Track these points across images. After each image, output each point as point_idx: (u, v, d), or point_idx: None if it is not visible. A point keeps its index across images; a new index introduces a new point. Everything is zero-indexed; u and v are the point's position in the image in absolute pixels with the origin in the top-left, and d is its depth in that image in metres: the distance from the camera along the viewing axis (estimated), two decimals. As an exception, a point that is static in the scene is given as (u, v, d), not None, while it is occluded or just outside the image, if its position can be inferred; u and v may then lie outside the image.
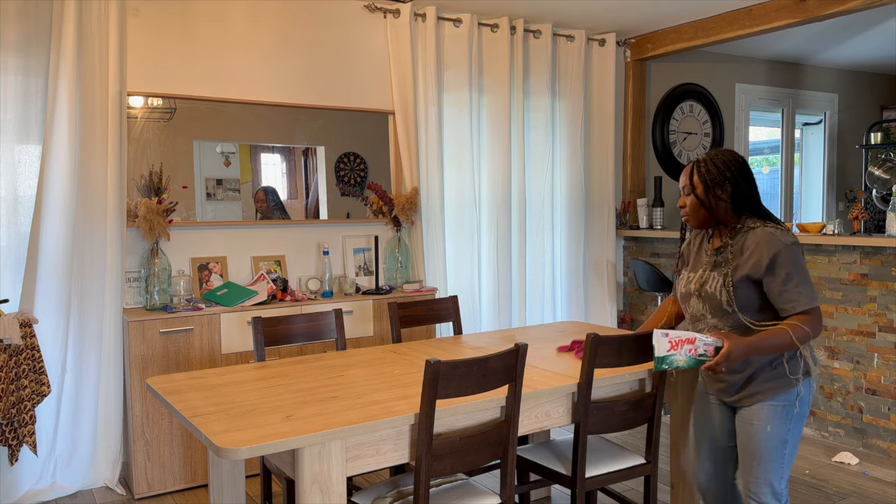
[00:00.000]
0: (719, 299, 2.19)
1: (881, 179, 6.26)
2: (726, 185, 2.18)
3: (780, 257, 2.10)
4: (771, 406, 2.18)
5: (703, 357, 2.08)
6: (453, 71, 4.61)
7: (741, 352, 2.07)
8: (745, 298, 2.16)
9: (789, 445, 2.20)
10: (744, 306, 2.17)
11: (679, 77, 5.85)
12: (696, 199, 2.22)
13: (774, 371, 2.18)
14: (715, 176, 2.19)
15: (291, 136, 4.23)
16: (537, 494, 3.45)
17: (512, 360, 2.20)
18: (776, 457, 2.19)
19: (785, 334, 2.09)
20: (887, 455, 3.92)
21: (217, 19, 3.97)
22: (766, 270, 2.11)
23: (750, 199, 2.20)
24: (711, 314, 2.23)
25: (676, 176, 5.85)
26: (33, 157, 3.49)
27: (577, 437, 2.47)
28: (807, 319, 2.10)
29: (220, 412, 2.12)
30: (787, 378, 2.17)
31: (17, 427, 3.21)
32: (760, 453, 2.20)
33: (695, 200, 2.22)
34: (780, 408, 2.18)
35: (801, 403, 2.20)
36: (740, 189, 2.18)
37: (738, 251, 2.18)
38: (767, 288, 2.13)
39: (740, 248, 2.18)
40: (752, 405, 2.21)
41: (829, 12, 4.27)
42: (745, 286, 2.16)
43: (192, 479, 3.58)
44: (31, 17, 3.43)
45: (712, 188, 2.19)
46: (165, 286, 3.70)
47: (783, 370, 2.18)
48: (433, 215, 4.54)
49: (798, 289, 2.10)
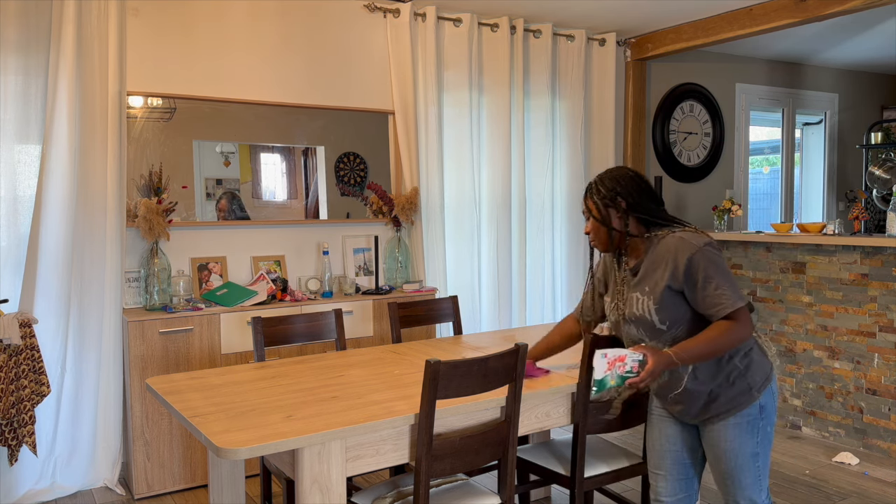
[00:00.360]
0: (650, 320, 2.08)
1: (881, 179, 6.25)
2: (619, 200, 2.10)
3: (695, 261, 2.00)
4: (735, 424, 2.09)
5: (629, 374, 1.97)
6: (453, 71, 4.61)
7: (663, 365, 1.98)
8: (674, 313, 2.05)
9: (761, 457, 2.13)
10: (675, 321, 2.06)
11: (679, 77, 5.84)
12: (596, 222, 2.15)
13: (734, 387, 2.08)
14: (605, 195, 2.12)
15: (291, 136, 4.23)
16: (537, 494, 3.44)
17: (512, 360, 2.20)
18: (750, 472, 2.12)
19: (709, 341, 1.99)
20: (888, 455, 3.92)
21: (217, 19, 3.97)
22: (684, 278, 2.01)
23: (648, 209, 2.11)
24: (648, 336, 2.11)
25: (677, 176, 5.85)
26: (33, 156, 3.49)
27: (577, 438, 2.47)
28: (732, 323, 1.99)
29: (219, 412, 2.11)
30: (749, 393, 2.08)
31: (17, 427, 3.20)
32: (734, 473, 2.12)
33: (595, 223, 2.15)
34: (744, 424, 2.09)
35: (766, 413, 2.11)
36: (635, 202, 2.10)
37: (653, 265, 2.08)
38: (690, 296, 2.03)
39: (653, 260, 2.08)
40: (716, 424, 2.11)
41: (829, 12, 4.26)
42: (671, 300, 2.05)
43: (191, 479, 3.58)
44: (31, 17, 3.43)
45: (607, 207, 2.12)
46: (165, 286, 3.70)
47: (743, 384, 2.08)
48: (433, 215, 4.54)
49: (719, 291, 1.99)
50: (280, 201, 4.22)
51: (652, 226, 2.13)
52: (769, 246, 4.46)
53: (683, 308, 2.05)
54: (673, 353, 1.99)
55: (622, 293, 2.17)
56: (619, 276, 2.21)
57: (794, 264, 4.33)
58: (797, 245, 4.30)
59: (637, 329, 2.12)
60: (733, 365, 2.08)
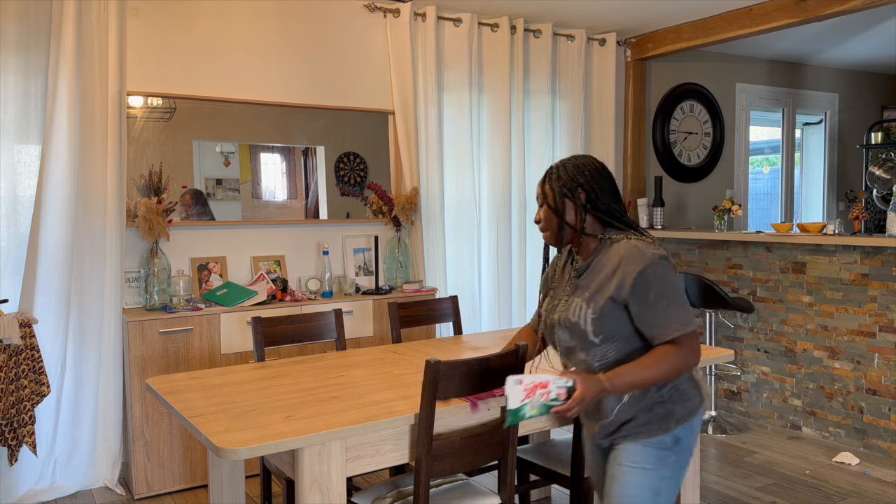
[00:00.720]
0: (583, 329, 1.85)
1: (882, 179, 6.25)
2: (579, 192, 1.87)
3: (647, 274, 1.77)
4: (643, 449, 1.84)
5: (555, 402, 1.76)
6: (453, 71, 4.61)
7: (594, 392, 1.75)
8: (612, 327, 1.83)
9: (663, 497, 1.85)
10: (610, 336, 1.83)
11: (679, 77, 5.84)
12: (549, 210, 1.92)
13: (651, 412, 1.84)
14: (566, 182, 1.88)
15: (291, 136, 4.23)
16: (537, 494, 3.44)
17: (512, 360, 2.20)
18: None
19: (648, 369, 1.77)
20: (888, 455, 3.92)
21: (217, 19, 3.97)
22: (630, 291, 1.78)
23: (609, 209, 1.89)
24: (579, 346, 1.89)
25: (677, 176, 5.85)
26: (33, 156, 3.49)
27: (577, 438, 2.47)
28: (677, 349, 1.77)
29: (219, 412, 2.11)
30: (666, 421, 1.84)
31: (17, 427, 3.20)
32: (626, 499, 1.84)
33: (548, 211, 1.92)
34: (652, 451, 1.84)
35: (680, 448, 1.85)
36: (595, 196, 1.87)
37: (599, 270, 1.86)
38: (634, 312, 1.79)
39: (601, 266, 1.86)
40: (623, 444, 1.87)
41: (829, 12, 4.26)
42: (611, 312, 1.81)
43: (191, 479, 3.58)
44: (31, 17, 3.43)
45: (564, 197, 1.88)
46: (165, 286, 3.70)
47: (662, 410, 1.84)
48: (433, 215, 4.54)
49: (669, 311, 1.76)
50: (280, 201, 4.22)
51: (608, 227, 1.91)
52: (769, 246, 4.46)
53: (624, 323, 1.83)
54: (606, 380, 1.77)
55: (566, 295, 1.94)
56: (567, 275, 1.99)
57: (795, 264, 4.33)
58: (797, 245, 4.30)
59: (569, 336, 1.90)
60: (659, 395, 1.85)
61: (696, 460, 2.83)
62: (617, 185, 1.94)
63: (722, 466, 3.81)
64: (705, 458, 3.92)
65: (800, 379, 4.34)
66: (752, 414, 4.60)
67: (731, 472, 3.74)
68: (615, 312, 1.82)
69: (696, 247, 4.92)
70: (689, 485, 2.84)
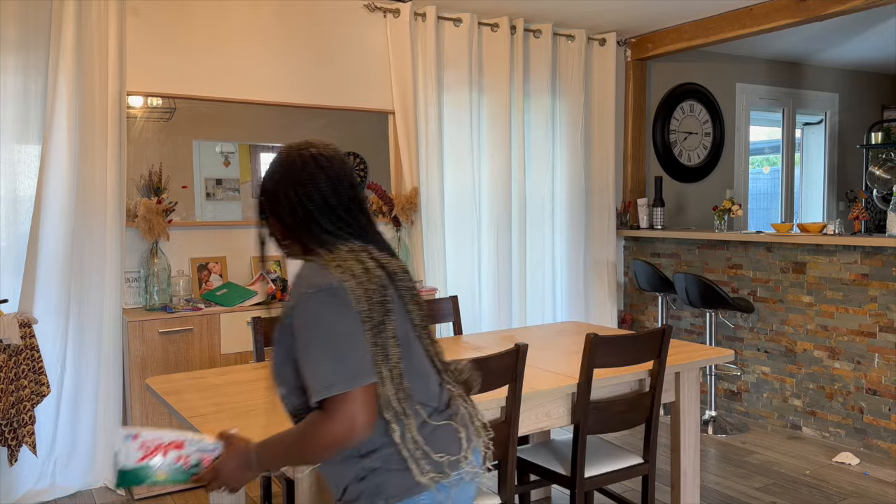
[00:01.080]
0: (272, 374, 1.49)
1: (882, 179, 6.25)
2: (262, 198, 1.50)
3: (297, 312, 1.38)
4: None
5: (197, 468, 1.49)
6: (453, 70, 4.61)
7: (235, 465, 1.43)
8: (284, 374, 1.45)
9: None
10: (286, 385, 1.46)
11: (679, 77, 5.84)
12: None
13: (363, 482, 1.43)
14: (264, 182, 1.50)
15: (291, 136, 4.22)
16: (537, 494, 3.44)
17: (512, 360, 2.20)
18: None
19: (293, 443, 1.39)
20: (888, 455, 3.92)
21: (216, 19, 3.97)
22: (288, 332, 1.41)
23: (302, 217, 1.44)
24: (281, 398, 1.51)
25: (677, 176, 5.85)
26: (32, 156, 3.48)
27: (577, 438, 2.46)
28: (321, 418, 1.34)
29: (220, 412, 2.11)
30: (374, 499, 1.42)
31: (17, 427, 3.20)
32: None
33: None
34: None
35: None
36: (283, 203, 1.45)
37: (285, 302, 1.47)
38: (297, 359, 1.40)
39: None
40: None
41: (829, 12, 4.26)
42: (281, 355, 1.45)
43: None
44: (31, 17, 3.42)
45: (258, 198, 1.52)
46: (165, 286, 3.70)
47: (372, 484, 1.42)
48: (433, 215, 4.53)
49: (315, 364, 1.34)
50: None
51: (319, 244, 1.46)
52: (769, 246, 4.45)
53: (291, 372, 1.43)
54: (254, 451, 1.43)
55: None
56: None
57: (795, 264, 4.32)
58: (797, 245, 4.30)
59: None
60: (363, 462, 1.43)
61: (697, 460, 2.83)
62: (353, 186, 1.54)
63: (722, 466, 3.81)
64: (705, 458, 3.92)
65: (800, 379, 4.34)
66: (752, 414, 4.59)
67: (730, 472, 3.73)
68: (284, 356, 1.44)
69: (696, 247, 4.92)
70: (690, 485, 2.84)
